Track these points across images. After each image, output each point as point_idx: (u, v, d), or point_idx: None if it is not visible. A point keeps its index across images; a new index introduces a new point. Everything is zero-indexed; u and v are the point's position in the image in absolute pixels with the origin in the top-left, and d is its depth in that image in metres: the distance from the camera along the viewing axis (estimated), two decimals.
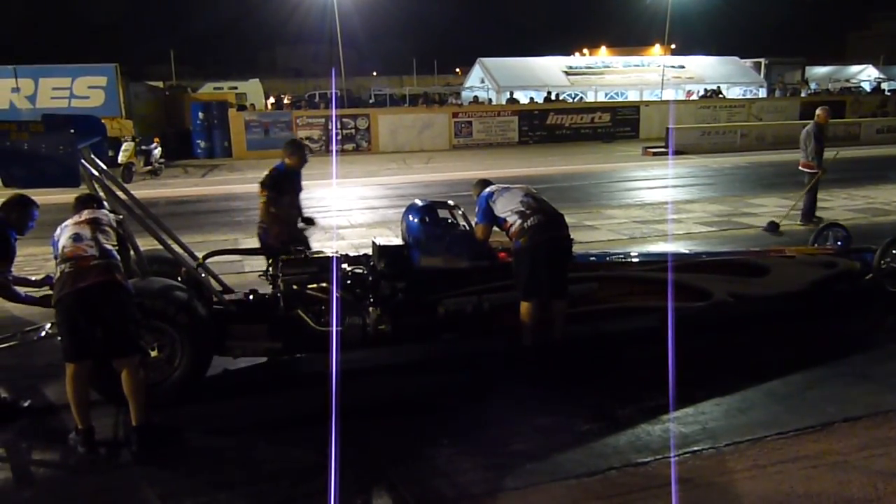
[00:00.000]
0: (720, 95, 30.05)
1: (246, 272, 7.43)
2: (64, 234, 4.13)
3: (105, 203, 4.73)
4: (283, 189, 6.00)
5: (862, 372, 4.95)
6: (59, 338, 3.99)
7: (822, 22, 76.42)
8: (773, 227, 9.98)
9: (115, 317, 3.91)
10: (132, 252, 4.73)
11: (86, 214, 4.30)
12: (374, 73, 59.11)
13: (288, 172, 6.10)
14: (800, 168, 10.20)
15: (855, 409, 4.31)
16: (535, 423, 4.27)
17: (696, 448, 3.91)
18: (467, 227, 5.45)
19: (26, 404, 4.57)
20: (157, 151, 19.06)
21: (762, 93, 32.84)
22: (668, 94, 30.13)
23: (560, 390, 4.83)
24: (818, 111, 10.10)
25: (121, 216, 4.62)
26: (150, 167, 18.53)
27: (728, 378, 4.85)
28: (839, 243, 7.00)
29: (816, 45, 57.07)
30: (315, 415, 4.18)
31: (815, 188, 10.11)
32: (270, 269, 5.23)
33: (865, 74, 43.05)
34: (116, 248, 4.16)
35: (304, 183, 6.32)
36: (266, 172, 6.05)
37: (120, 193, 4.89)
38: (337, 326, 4.78)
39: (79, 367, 3.91)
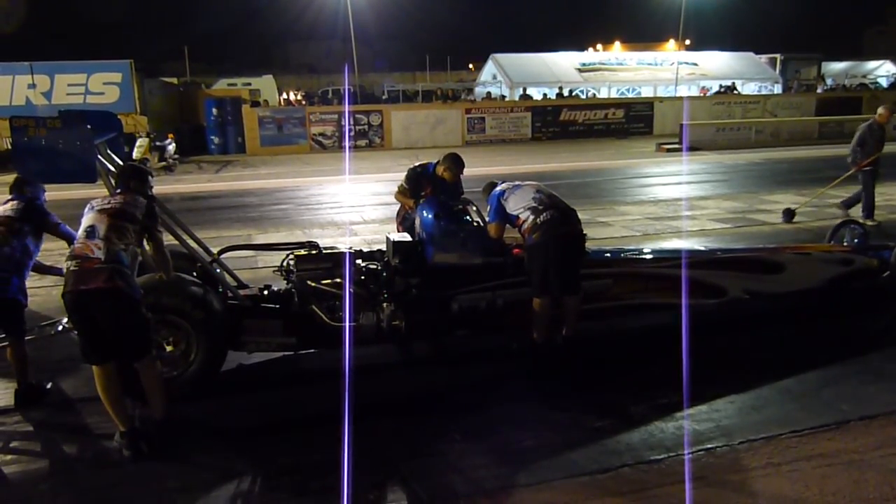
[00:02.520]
0: (735, 91, 29.83)
1: (260, 268, 7.46)
2: (84, 220, 4.05)
3: (151, 176, 4.56)
4: (420, 187, 6.08)
5: (878, 370, 4.90)
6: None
7: (839, 17, 75.71)
8: (788, 214, 10.13)
9: (114, 324, 3.84)
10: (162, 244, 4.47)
11: (114, 201, 4.12)
12: (388, 69, 59.07)
13: (434, 177, 6.13)
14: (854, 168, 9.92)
15: (871, 408, 4.28)
16: (547, 419, 4.27)
17: (710, 446, 3.90)
18: (481, 223, 5.44)
19: (49, 385, 4.69)
20: (172, 147, 19.23)
21: (777, 89, 32.57)
22: (683, 91, 29.95)
23: (572, 387, 4.82)
24: (880, 109, 9.94)
25: (154, 204, 4.37)
26: (164, 163, 18.70)
27: (742, 375, 4.83)
28: (856, 241, 6.94)
29: (833, 41, 56.37)
30: (328, 410, 4.19)
31: (870, 185, 9.94)
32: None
33: (883, 70, 42.49)
34: (132, 246, 4.00)
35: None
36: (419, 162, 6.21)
37: None
38: (351, 322, 4.80)
39: (101, 368, 3.90)
